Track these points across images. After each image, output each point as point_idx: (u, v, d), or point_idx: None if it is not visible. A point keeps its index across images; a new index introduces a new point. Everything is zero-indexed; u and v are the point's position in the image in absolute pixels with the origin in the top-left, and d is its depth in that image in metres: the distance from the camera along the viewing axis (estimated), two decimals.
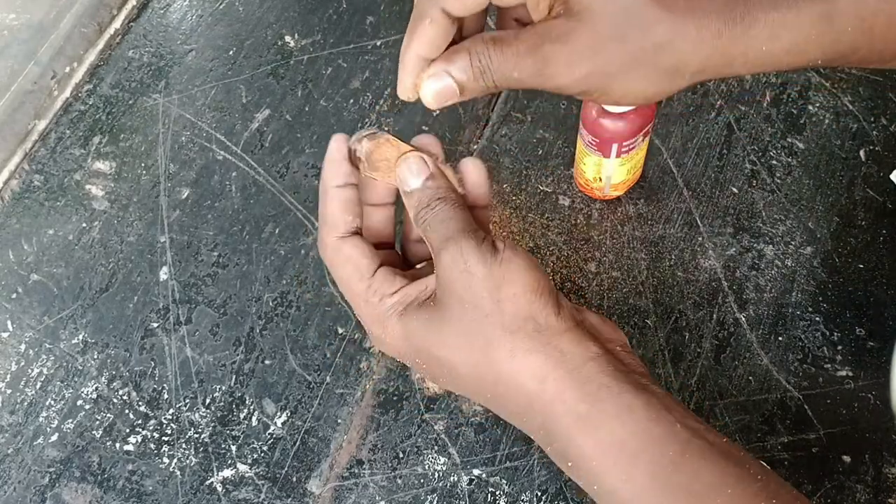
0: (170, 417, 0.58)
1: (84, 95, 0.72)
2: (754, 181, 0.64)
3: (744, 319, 0.59)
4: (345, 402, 0.59)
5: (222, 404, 0.59)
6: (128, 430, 0.58)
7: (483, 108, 0.69)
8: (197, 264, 0.64)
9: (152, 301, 0.63)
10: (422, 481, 0.56)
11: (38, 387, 0.60)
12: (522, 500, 0.55)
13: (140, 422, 0.58)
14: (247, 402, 0.59)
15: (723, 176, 0.65)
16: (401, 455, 0.57)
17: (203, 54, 0.73)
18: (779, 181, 0.64)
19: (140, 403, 0.59)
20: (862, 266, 0.61)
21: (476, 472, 0.56)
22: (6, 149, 0.69)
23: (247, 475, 0.57)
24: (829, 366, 0.58)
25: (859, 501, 0.54)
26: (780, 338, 0.59)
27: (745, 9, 0.40)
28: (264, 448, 0.57)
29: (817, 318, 0.59)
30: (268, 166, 0.68)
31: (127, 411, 0.59)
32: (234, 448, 0.57)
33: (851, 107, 0.67)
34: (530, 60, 0.40)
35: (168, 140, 0.69)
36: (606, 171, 0.60)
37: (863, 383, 0.57)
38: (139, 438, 0.58)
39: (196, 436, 0.58)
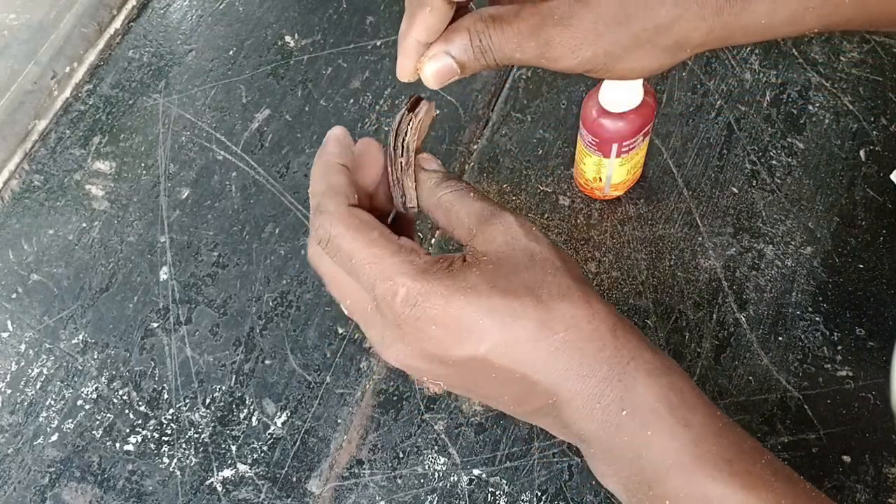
0: (170, 417, 0.59)
1: (84, 95, 0.72)
2: (754, 181, 0.64)
3: (744, 319, 0.59)
4: (345, 402, 0.59)
5: (222, 404, 0.59)
6: (128, 430, 0.58)
7: (483, 108, 0.69)
8: (197, 264, 0.64)
9: (152, 301, 0.63)
10: (422, 481, 0.56)
11: (38, 387, 0.60)
12: (522, 500, 0.55)
13: (140, 422, 0.59)
14: (247, 402, 0.59)
15: (723, 176, 0.65)
16: (401, 455, 0.57)
17: (203, 54, 0.73)
18: (779, 181, 0.64)
19: (140, 403, 0.59)
20: (862, 266, 0.61)
21: (476, 472, 0.56)
22: (6, 149, 0.69)
23: (247, 475, 0.57)
24: (829, 366, 0.58)
25: (859, 501, 0.54)
26: (780, 338, 0.59)
27: None
28: (264, 448, 0.57)
29: (817, 318, 0.59)
30: (268, 166, 0.68)
31: (127, 411, 0.59)
32: (234, 448, 0.57)
33: (851, 107, 0.67)
34: (533, 43, 0.40)
35: (168, 140, 0.69)
36: (606, 171, 0.60)
37: (863, 383, 0.57)
38: (139, 438, 0.58)
39: (196, 436, 0.58)
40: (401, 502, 0.55)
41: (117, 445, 0.58)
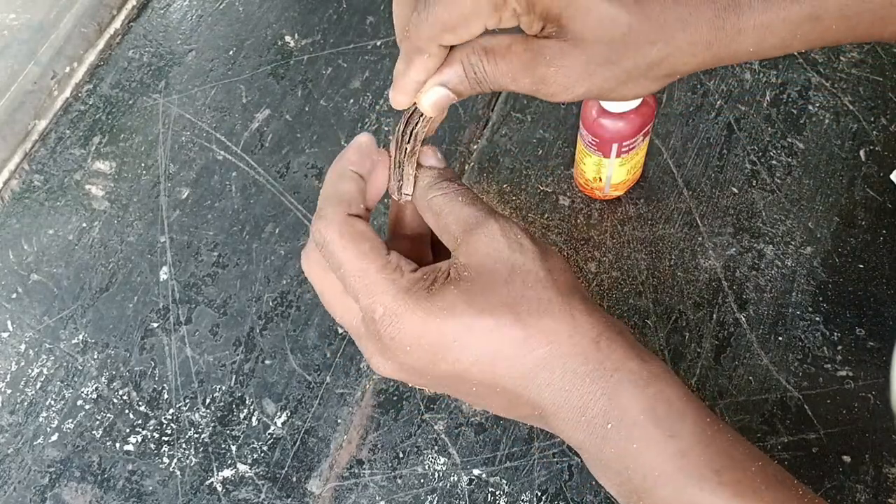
0: (170, 417, 0.59)
1: (84, 95, 0.72)
2: (754, 181, 0.64)
3: (744, 319, 0.59)
4: (345, 402, 0.59)
5: (222, 404, 0.59)
6: (128, 430, 0.58)
7: (483, 108, 0.69)
8: (197, 264, 0.64)
9: (152, 301, 0.63)
10: (422, 481, 0.56)
11: (38, 387, 0.60)
12: (522, 500, 0.55)
13: (140, 422, 0.59)
14: (247, 402, 0.59)
15: (723, 176, 0.65)
16: (401, 455, 0.57)
17: (203, 54, 0.73)
18: (779, 181, 0.64)
19: (140, 403, 0.59)
20: (862, 266, 0.61)
21: (476, 472, 0.56)
22: (6, 149, 0.69)
23: (247, 475, 0.57)
24: (829, 366, 0.58)
25: (859, 501, 0.54)
26: (780, 338, 0.59)
27: (736, 17, 0.40)
28: (264, 448, 0.57)
29: (817, 318, 0.59)
30: (268, 166, 0.68)
31: (127, 411, 0.59)
32: (234, 448, 0.57)
33: (851, 107, 0.67)
34: (528, 80, 0.41)
35: (168, 140, 0.69)
36: (606, 171, 0.60)
37: (863, 383, 0.57)
38: (139, 438, 0.58)
39: (196, 436, 0.58)
40: (401, 502, 0.55)
41: (117, 445, 0.58)
